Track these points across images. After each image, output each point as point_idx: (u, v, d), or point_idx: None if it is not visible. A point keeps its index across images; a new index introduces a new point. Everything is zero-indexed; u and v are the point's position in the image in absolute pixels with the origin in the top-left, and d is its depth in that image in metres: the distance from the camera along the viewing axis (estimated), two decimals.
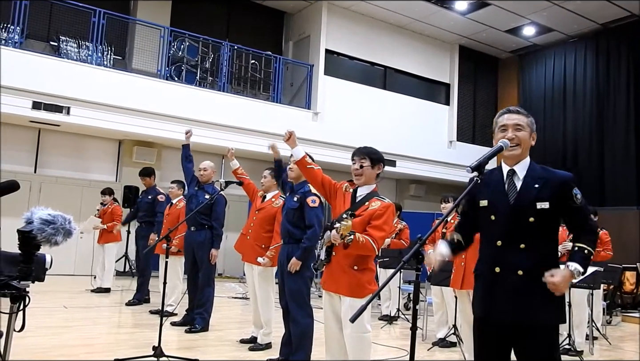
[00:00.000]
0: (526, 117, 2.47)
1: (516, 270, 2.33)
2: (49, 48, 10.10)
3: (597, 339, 6.65)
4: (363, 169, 3.38)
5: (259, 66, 11.85)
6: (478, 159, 2.23)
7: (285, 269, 4.32)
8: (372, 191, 3.43)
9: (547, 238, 2.38)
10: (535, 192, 2.36)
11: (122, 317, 6.56)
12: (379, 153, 3.48)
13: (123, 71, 10.16)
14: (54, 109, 9.13)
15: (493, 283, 2.39)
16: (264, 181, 5.25)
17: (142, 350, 4.34)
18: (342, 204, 3.44)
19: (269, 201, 5.19)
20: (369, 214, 3.29)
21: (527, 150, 2.45)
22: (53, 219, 2.34)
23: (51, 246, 2.34)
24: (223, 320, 6.35)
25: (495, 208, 2.42)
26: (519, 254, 2.34)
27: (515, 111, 2.49)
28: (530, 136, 2.46)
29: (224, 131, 10.59)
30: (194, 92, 10.53)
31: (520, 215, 2.35)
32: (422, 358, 5.20)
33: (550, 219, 2.37)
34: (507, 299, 2.34)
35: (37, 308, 6.49)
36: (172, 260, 6.29)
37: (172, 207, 6.76)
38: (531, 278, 2.30)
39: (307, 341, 4.27)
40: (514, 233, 2.35)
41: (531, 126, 2.47)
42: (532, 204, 2.34)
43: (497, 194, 2.44)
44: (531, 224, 2.34)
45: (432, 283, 5.80)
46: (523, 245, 2.34)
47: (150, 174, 7.64)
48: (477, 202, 2.49)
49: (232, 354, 4.80)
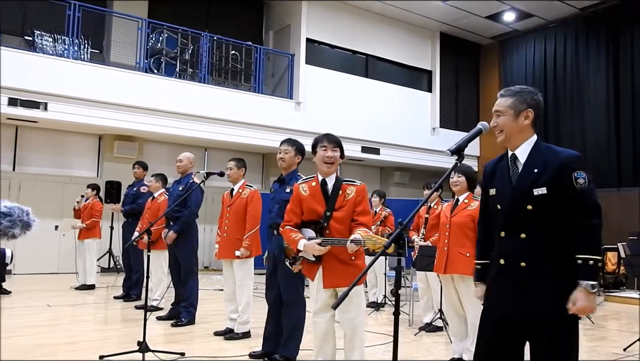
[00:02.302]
0: (510, 98, 2.32)
1: (519, 262, 2.23)
2: (23, 43, 9.89)
3: (581, 319, 6.74)
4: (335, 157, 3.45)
5: (240, 56, 11.75)
6: (457, 142, 2.20)
7: (279, 262, 4.17)
8: (337, 177, 3.49)
9: (550, 227, 2.20)
10: (534, 177, 2.22)
11: (107, 314, 6.50)
12: (341, 142, 3.52)
13: (101, 64, 10.00)
14: (31, 105, 8.97)
15: (499, 275, 2.32)
16: (230, 173, 5.22)
17: (128, 346, 4.30)
18: (313, 200, 3.46)
19: (237, 193, 5.19)
20: (351, 203, 3.37)
21: (517, 132, 2.31)
22: (9, 212, 2.26)
23: (8, 240, 2.28)
24: (210, 312, 6.33)
25: (501, 197, 2.32)
26: (520, 245, 2.23)
27: (500, 95, 2.37)
28: (515, 117, 2.30)
29: (206, 123, 10.51)
30: (174, 85, 10.41)
31: (518, 203, 2.24)
32: (409, 343, 5.23)
33: (551, 206, 2.19)
34: (512, 291, 2.25)
35: (21, 307, 6.42)
36: (156, 254, 6.27)
37: (153, 201, 6.71)
38: (535, 269, 2.20)
39: (298, 334, 4.24)
40: (514, 222, 2.25)
41: (516, 106, 2.30)
42: (529, 190, 2.21)
43: (503, 181, 2.33)
44: (530, 213, 2.21)
45: (417, 269, 5.83)
46: (524, 235, 2.22)
47: (146, 167, 7.69)
48: (488, 191, 2.40)
49: (219, 346, 4.79)
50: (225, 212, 5.22)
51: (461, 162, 2.22)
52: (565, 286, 2.16)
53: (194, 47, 11.16)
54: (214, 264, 11.53)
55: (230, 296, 5.19)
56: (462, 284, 4.33)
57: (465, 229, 4.36)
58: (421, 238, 6.00)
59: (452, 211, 4.52)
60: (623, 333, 6.24)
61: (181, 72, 11.04)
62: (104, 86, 9.52)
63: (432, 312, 5.92)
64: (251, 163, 5.67)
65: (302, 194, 3.50)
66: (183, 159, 5.93)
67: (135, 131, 10.30)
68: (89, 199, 8.27)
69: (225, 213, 5.21)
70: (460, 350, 4.41)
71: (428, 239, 5.87)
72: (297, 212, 3.51)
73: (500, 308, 2.31)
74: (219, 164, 10.55)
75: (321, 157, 3.44)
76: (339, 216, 3.39)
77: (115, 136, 10.77)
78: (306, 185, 3.53)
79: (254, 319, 5.20)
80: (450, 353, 4.56)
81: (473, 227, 4.32)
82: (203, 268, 11.57)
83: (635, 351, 5.06)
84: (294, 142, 4.42)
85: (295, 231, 3.45)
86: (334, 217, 3.39)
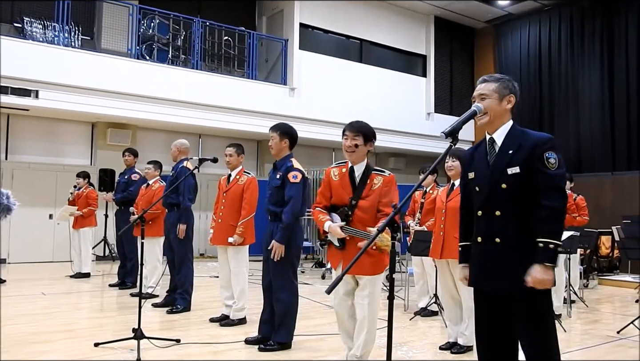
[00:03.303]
0: (494, 83, 2.44)
1: (494, 238, 2.34)
2: (13, 30, 9.75)
3: (575, 302, 6.80)
4: (358, 148, 3.45)
5: (233, 42, 11.63)
6: (452, 125, 2.20)
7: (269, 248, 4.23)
8: (367, 165, 3.51)
9: (522, 204, 2.31)
10: (509, 158, 2.34)
11: (103, 301, 6.49)
12: (371, 129, 3.52)
13: (92, 51, 9.88)
14: (22, 93, 8.87)
15: (477, 253, 2.42)
16: (230, 160, 5.18)
17: (123, 333, 4.30)
18: (341, 187, 3.51)
19: (234, 180, 5.15)
20: (377, 193, 3.41)
21: (500, 116, 2.42)
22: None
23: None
24: (205, 299, 6.33)
25: (479, 179, 2.43)
26: (495, 223, 2.35)
27: (483, 80, 2.48)
28: (500, 100, 2.41)
29: (199, 110, 10.44)
30: (167, 71, 10.31)
31: (495, 182, 2.35)
32: (405, 327, 5.25)
33: (524, 185, 2.30)
34: (486, 268, 2.37)
35: (16, 296, 6.41)
36: (150, 242, 6.25)
37: (148, 188, 6.67)
38: (508, 245, 2.31)
39: (290, 319, 4.25)
40: (490, 201, 2.36)
41: (500, 91, 2.42)
42: (504, 170, 2.33)
43: (481, 164, 2.45)
44: (504, 191, 2.33)
45: (413, 254, 5.83)
46: (498, 212, 2.34)
47: (136, 154, 7.61)
48: (467, 176, 2.51)
49: (215, 332, 4.79)
50: (221, 198, 5.19)
51: (455, 144, 2.22)
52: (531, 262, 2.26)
53: (186, 33, 11.04)
54: (209, 251, 11.52)
55: (226, 283, 5.18)
56: (457, 269, 4.32)
57: None
58: (417, 223, 6.00)
59: (447, 195, 4.51)
60: (617, 316, 6.29)
61: (173, 58, 10.93)
62: (96, 73, 9.42)
63: (427, 297, 5.93)
64: (246, 150, 5.63)
65: (332, 179, 3.57)
66: (172, 147, 5.96)
67: (128, 118, 10.22)
68: (81, 188, 8.21)
69: (221, 199, 5.18)
70: (455, 334, 4.43)
71: (423, 224, 5.87)
72: (327, 195, 3.60)
73: (479, 286, 2.42)
74: (214, 151, 10.50)
75: (343, 146, 3.51)
76: (364, 205, 3.44)
77: (108, 124, 10.69)
78: (337, 170, 3.59)
79: (249, 305, 5.20)
80: (446, 338, 4.58)
81: None
82: (198, 255, 11.57)
83: (629, 334, 5.10)
84: (278, 127, 4.38)
85: (324, 213, 3.53)
86: (359, 206, 3.44)
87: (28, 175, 9.98)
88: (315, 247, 10.18)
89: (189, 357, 4.00)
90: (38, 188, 9.91)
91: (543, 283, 2.21)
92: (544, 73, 13.05)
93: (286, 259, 4.19)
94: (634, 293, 7.96)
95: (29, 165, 10.13)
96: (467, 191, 2.57)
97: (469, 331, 4.33)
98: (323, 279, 8.53)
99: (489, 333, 2.43)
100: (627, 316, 6.00)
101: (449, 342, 4.45)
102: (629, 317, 5.69)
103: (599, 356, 4.38)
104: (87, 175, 8.33)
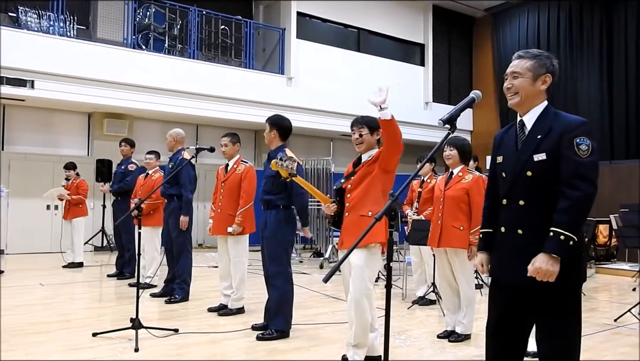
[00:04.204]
0: (530, 60, 2.24)
1: (516, 230, 2.19)
2: (7, 19, 9.67)
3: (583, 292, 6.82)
4: (363, 137, 3.53)
5: (230, 31, 11.55)
6: (450, 112, 2.15)
7: (264, 235, 4.31)
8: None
9: (548, 194, 2.12)
10: (536, 143, 2.17)
11: (101, 292, 6.49)
12: (375, 119, 3.53)
13: (88, 40, 9.81)
14: (18, 83, 8.82)
15: (500, 243, 2.29)
16: (225, 150, 5.17)
17: (122, 323, 4.30)
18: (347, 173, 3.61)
19: (232, 169, 5.14)
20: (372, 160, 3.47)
21: (533, 97, 2.23)
22: None
23: None
24: (204, 289, 6.33)
25: (506, 164, 2.28)
26: (518, 213, 2.19)
27: (518, 56, 2.28)
28: (534, 80, 2.22)
29: (196, 100, 10.39)
30: (163, 61, 10.25)
31: (520, 169, 2.19)
32: (403, 316, 5.26)
33: (550, 173, 2.13)
34: (508, 260, 2.22)
35: (14, 286, 6.40)
36: (148, 232, 6.25)
37: (147, 178, 6.65)
38: (532, 236, 2.14)
39: (286, 307, 4.29)
40: (515, 189, 2.21)
41: (536, 70, 2.22)
42: (530, 156, 2.17)
43: (509, 148, 2.29)
44: (529, 179, 2.16)
45: (411, 243, 5.83)
46: (522, 202, 2.18)
47: (133, 144, 7.53)
48: (496, 159, 2.35)
49: (214, 322, 4.79)
50: (220, 187, 5.18)
51: (453, 132, 2.17)
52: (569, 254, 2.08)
53: (182, 22, 10.96)
54: (208, 241, 11.52)
55: (225, 273, 5.18)
56: (455, 257, 4.34)
57: (459, 202, 4.34)
58: (414, 212, 6.00)
59: (446, 184, 4.49)
60: (614, 304, 6.31)
61: (170, 47, 10.86)
62: (92, 63, 9.36)
63: (425, 286, 5.95)
64: (243, 140, 5.61)
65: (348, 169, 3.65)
66: (168, 137, 5.93)
67: (125, 108, 10.16)
68: (71, 180, 8.18)
69: (220, 189, 5.17)
70: (453, 323, 4.44)
71: (421, 213, 5.87)
72: None
73: (500, 278, 2.29)
74: (211, 141, 10.46)
75: (353, 142, 3.62)
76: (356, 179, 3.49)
77: (105, 114, 10.63)
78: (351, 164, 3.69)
79: (248, 295, 5.20)
80: (443, 326, 4.59)
81: (467, 200, 4.32)
82: (197, 245, 11.57)
83: (626, 322, 5.12)
84: (269, 118, 4.48)
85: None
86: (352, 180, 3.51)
87: (25, 166, 9.95)
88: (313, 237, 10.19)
89: (187, 347, 4.00)
90: (35, 178, 9.87)
91: (544, 274, 2.04)
92: None
93: (281, 247, 4.26)
94: (631, 282, 8.00)
95: (25, 156, 10.08)
96: (494, 176, 2.39)
97: (466, 319, 4.34)
98: (321, 269, 8.54)
99: (500, 326, 2.30)
100: (624, 304, 6.02)
101: (446, 330, 4.46)
102: (626, 305, 5.71)
103: (596, 343, 4.40)
104: (74, 166, 8.29)
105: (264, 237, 4.35)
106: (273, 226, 4.28)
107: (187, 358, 3.75)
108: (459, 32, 14.81)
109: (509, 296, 2.24)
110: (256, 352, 3.90)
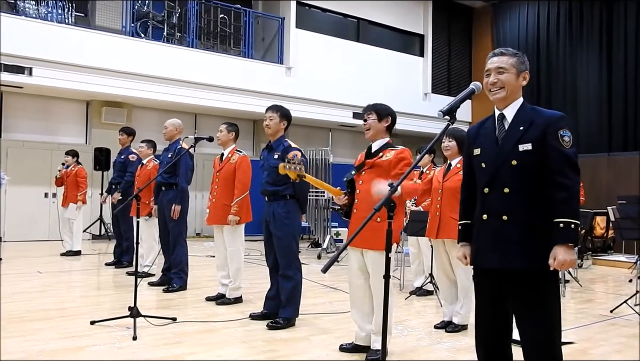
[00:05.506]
0: (512, 57, 2.36)
1: (501, 216, 2.27)
2: (5, 6, 9.59)
3: (569, 282, 6.86)
4: (368, 122, 3.50)
5: (229, 20, 11.49)
6: (449, 103, 2.16)
7: (273, 226, 4.29)
8: (386, 143, 3.54)
9: (532, 182, 2.25)
10: (520, 134, 2.27)
11: (99, 280, 6.51)
12: (387, 108, 3.54)
13: (86, 28, 9.76)
14: (15, 70, 8.77)
15: (482, 231, 2.35)
16: (220, 136, 5.17)
17: (120, 312, 4.31)
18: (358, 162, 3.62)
19: (227, 158, 5.14)
20: (386, 164, 3.41)
21: (515, 92, 2.35)
22: None
23: None
24: (202, 278, 6.35)
25: (486, 155, 2.36)
26: (503, 200, 2.27)
27: (500, 52, 2.39)
28: (517, 76, 2.35)
29: (195, 89, 10.36)
30: (162, 49, 10.20)
31: (504, 158, 2.28)
32: (400, 306, 5.29)
33: (535, 162, 2.25)
34: (492, 246, 2.28)
35: (12, 274, 6.41)
36: (148, 221, 6.26)
37: (142, 167, 6.63)
38: (516, 223, 2.24)
39: (297, 296, 4.33)
40: (498, 178, 2.29)
41: (518, 66, 2.35)
42: (515, 146, 2.27)
43: (488, 140, 2.38)
44: (514, 168, 2.25)
45: (408, 234, 5.84)
46: (507, 190, 2.26)
47: (131, 133, 7.44)
48: (472, 152, 2.43)
49: (211, 311, 4.81)
50: (215, 177, 5.18)
51: (453, 123, 2.18)
52: (545, 242, 2.19)
53: (181, 10, 10.90)
54: (205, 230, 11.53)
55: (222, 262, 5.20)
56: (453, 249, 4.34)
57: (457, 194, 4.29)
58: (413, 203, 6.00)
59: (444, 175, 4.49)
60: (610, 296, 6.34)
61: (169, 36, 10.80)
62: (90, 51, 9.31)
63: (422, 276, 5.97)
64: (242, 129, 5.61)
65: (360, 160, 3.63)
66: (168, 126, 5.88)
67: (123, 96, 10.13)
68: (69, 167, 8.13)
69: (215, 178, 5.17)
70: (450, 313, 4.46)
71: (420, 205, 5.87)
72: None
73: (482, 265, 2.35)
74: (210, 130, 10.41)
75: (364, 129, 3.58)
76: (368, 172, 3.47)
77: (103, 102, 10.60)
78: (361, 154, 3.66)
79: (245, 285, 5.21)
80: (440, 317, 4.61)
81: None
82: (195, 234, 11.59)
83: (622, 313, 5.15)
84: (278, 108, 4.44)
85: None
86: (363, 173, 3.49)
87: (23, 153, 9.93)
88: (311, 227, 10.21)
89: (185, 335, 4.01)
90: (33, 166, 9.86)
91: (567, 264, 2.14)
92: (542, 53, 12.98)
93: (290, 237, 4.27)
94: (627, 273, 8.04)
95: (23, 143, 10.06)
96: (470, 168, 2.48)
97: (464, 310, 4.36)
98: (319, 259, 8.56)
99: (486, 311, 2.37)
100: (621, 295, 6.06)
101: (443, 321, 4.49)
102: (623, 296, 5.75)
103: (592, 334, 4.43)
104: (76, 153, 8.23)
105: (271, 229, 4.31)
106: (283, 217, 4.27)
107: (185, 346, 3.76)
108: (459, 23, 14.74)
109: (493, 282, 2.32)
110: (254, 341, 3.92)
